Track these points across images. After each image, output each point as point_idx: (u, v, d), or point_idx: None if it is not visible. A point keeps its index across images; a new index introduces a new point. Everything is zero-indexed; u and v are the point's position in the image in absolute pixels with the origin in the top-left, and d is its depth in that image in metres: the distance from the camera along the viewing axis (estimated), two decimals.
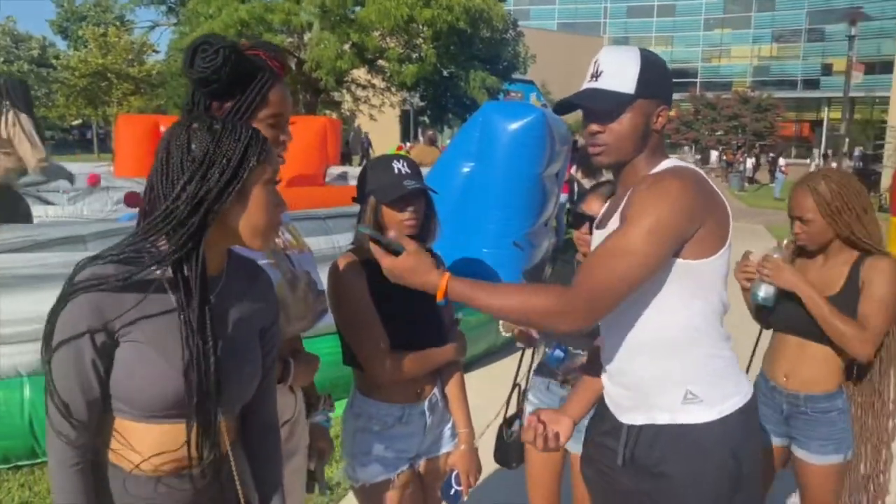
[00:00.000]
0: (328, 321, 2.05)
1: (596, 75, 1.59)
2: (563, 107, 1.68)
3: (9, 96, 5.26)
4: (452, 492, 2.15)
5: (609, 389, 1.76)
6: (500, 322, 2.48)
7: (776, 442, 2.36)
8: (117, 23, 33.40)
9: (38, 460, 3.60)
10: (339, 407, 2.15)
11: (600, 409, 1.82)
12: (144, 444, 1.32)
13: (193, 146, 1.28)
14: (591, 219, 2.30)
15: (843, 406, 2.23)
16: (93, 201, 7.13)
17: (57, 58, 36.49)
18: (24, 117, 5.22)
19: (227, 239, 1.35)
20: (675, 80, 1.68)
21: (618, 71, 1.57)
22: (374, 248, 1.62)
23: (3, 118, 5.19)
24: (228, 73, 1.56)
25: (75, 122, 40.72)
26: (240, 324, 1.41)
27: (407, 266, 1.59)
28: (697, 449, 1.58)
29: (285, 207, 1.39)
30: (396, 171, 2.01)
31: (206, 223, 1.27)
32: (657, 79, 1.59)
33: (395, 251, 1.61)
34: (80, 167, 9.52)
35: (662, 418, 1.62)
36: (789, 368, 2.28)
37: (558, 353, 2.34)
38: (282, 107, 1.70)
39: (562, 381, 2.43)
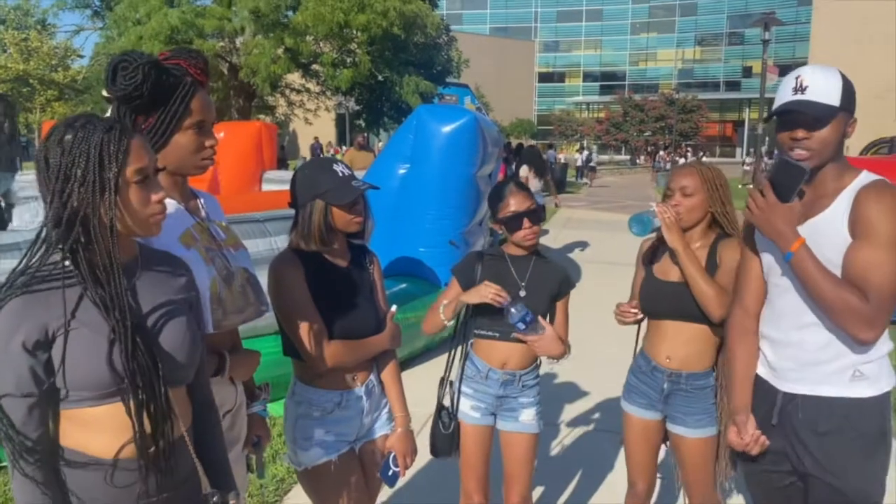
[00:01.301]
0: (269, 321, 2.13)
1: (801, 89, 1.83)
2: (778, 115, 1.86)
3: None
4: (390, 472, 2.25)
5: (774, 361, 1.99)
6: (441, 309, 2.54)
7: (654, 416, 2.55)
8: (38, 27, 32.10)
9: None
10: (280, 405, 2.18)
11: None
12: (101, 427, 1.36)
13: (51, 161, 1.29)
14: (523, 215, 2.48)
15: (714, 382, 2.45)
16: (22, 212, 6.92)
17: None
18: None
19: (125, 230, 1.37)
20: (603, 83, 1.87)
21: (824, 86, 1.81)
22: (762, 178, 1.77)
23: None
24: (150, 89, 1.63)
25: None
26: (165, 301, 1.46)
27: (783, 210, 1.81)
28: (852, 418, 1.85)
29: (164, 193, 1.41)
30: (340, 174, 2.12)
31: (95, 231, 1.30)
32: (852, 95, 1.84)
33: (784, 195, 1.80)
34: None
35: (826, 391, 1.87)
36: (670, 350, 2.47)
37: (522, 314, 2.38)
38: (204, 114, 1.77)
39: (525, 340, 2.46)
